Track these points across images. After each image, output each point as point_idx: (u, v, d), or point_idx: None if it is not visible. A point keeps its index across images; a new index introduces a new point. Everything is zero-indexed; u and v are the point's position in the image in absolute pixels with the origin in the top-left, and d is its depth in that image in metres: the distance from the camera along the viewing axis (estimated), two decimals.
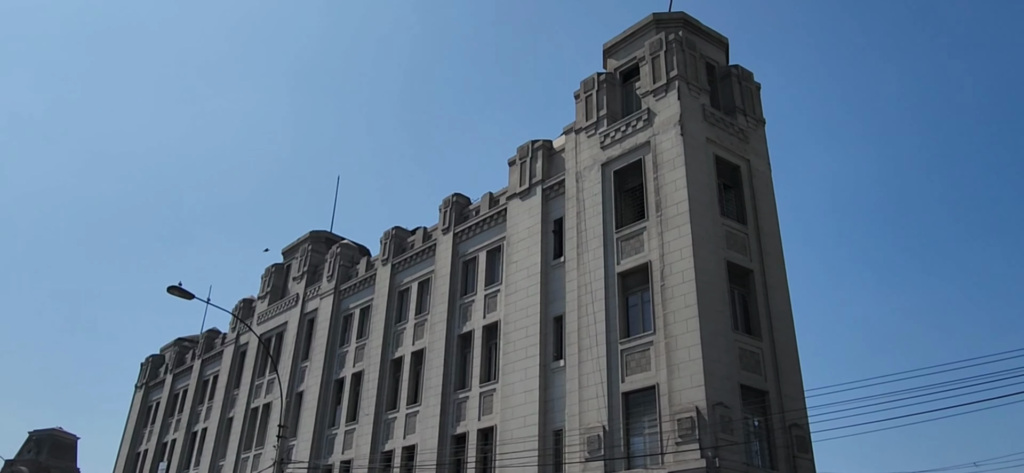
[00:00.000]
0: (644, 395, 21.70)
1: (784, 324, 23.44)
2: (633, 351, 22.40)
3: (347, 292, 37.54)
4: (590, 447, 21.87)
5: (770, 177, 26.38)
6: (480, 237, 30.89)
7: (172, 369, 51.07)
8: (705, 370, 20.21)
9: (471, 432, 26.93)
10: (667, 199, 23.24)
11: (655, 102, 25.17)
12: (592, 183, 26.03)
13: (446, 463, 27.18)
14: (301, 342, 38.85)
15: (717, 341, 21.01)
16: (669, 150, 23.90)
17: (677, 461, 19.67)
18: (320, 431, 34.46)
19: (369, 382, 32.68)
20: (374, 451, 30.64)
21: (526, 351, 25.77)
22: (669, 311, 21.66)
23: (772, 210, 25.62)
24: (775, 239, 25.06)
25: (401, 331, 32.81)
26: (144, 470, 48.52)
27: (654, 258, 22.86)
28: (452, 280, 30.88)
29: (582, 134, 27.38)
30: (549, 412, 24.35)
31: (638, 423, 21.68)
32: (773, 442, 21.41)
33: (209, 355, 47.38)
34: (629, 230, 24.23)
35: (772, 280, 23.94)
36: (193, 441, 44.94)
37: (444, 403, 28.37)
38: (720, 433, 19.53)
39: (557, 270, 26.53)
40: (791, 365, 22.88)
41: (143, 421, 52.37)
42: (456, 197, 32.87)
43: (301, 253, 42.38)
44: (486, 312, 28.87)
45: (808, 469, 21.48)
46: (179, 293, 23.43)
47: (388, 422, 31.02)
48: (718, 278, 22.26)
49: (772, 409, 21.70)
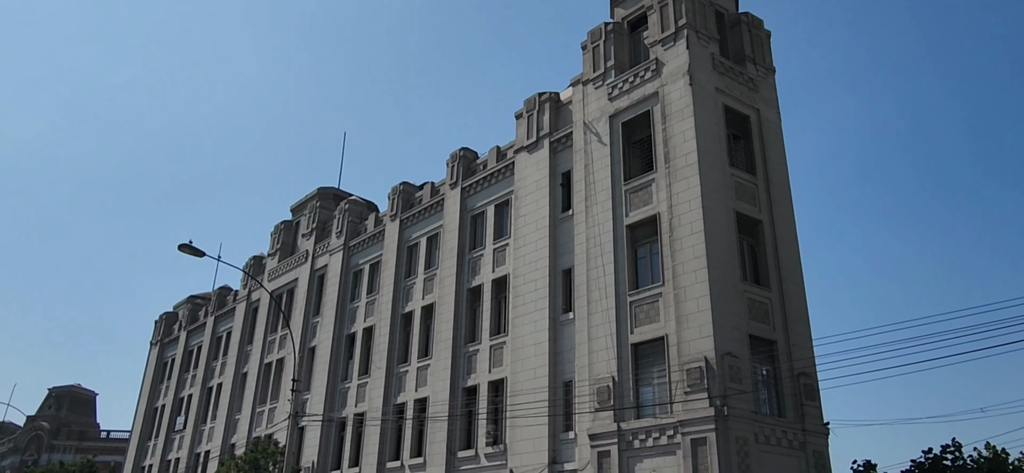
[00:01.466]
0: (653, 346, 21.77)
1: (793, 274, 23.38)
2: (642, 303, 22.41)
3: (356, 248, 37.62)
4: (600, 398, 22.05)
5: (780, 126, 26.04)
6: (488, 191, 30.75)
7: (186, 326, 51.60)
8: (714, 321, 20.22)
9: (482, 384, 27.18)
10: (676, 150, 22.99)
11: (663, 52, 24.73)
12: (600, 135, 25.76)
13: (458, 415, 27.52)
14: (312, 298, 39.10)
15: (726, 292, 20.98)
16: (678, 100, 23.56)
17: (686, 410, 19.82)
18: (333, 385, 34.89)
19: (380, 336, 32.93)
20: (386, 404, 31.03)
21: (535, 304, 25.84)
22: (678, 262, 21.59)
23: (782, 160, 25.35)
24: (784, 189, 24.84)
25: (411, 286, 32.93)
26: (162, 424, 49.40)
27: (663, 210, 22.71)
28: (461, 234, 30.85)
29: (590, 86, 27.01)
30: (559, 364, 24.51)
31: (647, 374, 21.81)
32: (781, 391, 21.53)
33: (222, 312, 47.81)
34: (637, 182, 24.04)
35: (781, 230, 23.79)
36: (209, 396, 45.64)
37: (455, 356, 28.59)
38: (728, 383, 19.62)
39: (565, 223, 26.44)
40: (799, 315, 22.87)
41: (159, 377, 53.14)
42: (463, 151, 32.65)
43: (309, 210, 42.40)
44: (495, 266, 28.90)
45: (815, 417, 21.64)
46: (190, 251, 23.49)
47: (400, 375, 31.34)
48: (727, 229, 22.13)
49: (780, 358, 21.78)
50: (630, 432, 20.98)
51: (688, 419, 19.66)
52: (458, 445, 27.11)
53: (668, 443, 20.10)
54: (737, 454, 19.08)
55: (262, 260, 45.68)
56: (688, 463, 19.38)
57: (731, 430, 19.18)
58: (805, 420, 21.19)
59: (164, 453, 47.50)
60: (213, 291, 50.10)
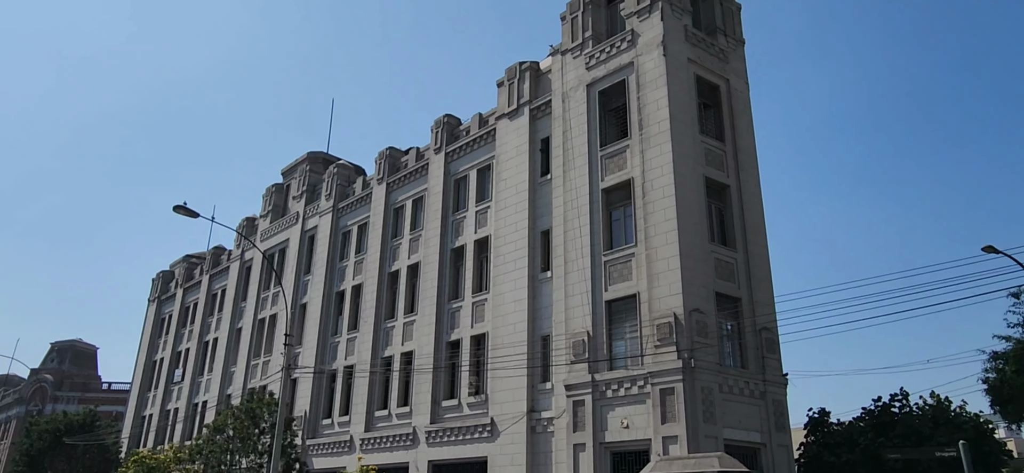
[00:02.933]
0: (626, 303, 21.93)
1: (757, 236, 23.56)
2: (616, 262, 22.50)
3: (345, 210, 37.30)
4: (575, 351, 22.24)
5: (748, 96, 26.00)
6: (471, 156, 30.52)
7: (182, 284, 51.13)
8: (683, 279, 20.37)
9: (465, 339, 27.29)
10: (649, 118, 22.90)
11: (639, 23, 24.47)
12: (577, 103, 25.57)
13: (442, 367, 27.65)
14: (303, 257, 38.83)
15: (694, 252, 21.12)
16: (652, 70, 23.40)
17: (656, 362, 20.06)
18: (323, 339, 34.85)
19: (368, 294, 32.85)
20: (374, 356, 31.09)
21: (515, 263, 25.87)
22: (650, 224, 21.66)
23: (749, 128, 25.36)
24: (751, 156, 24.91)
25: (397, 246, 32.79)
26: (161, 376, 49.21)
27: (636, 175, 22.70)
28: (444, 197, 30.68)
29: (568, 55, 26.73)
30: (537, 319, 24.64)
31: (620, 328, 22.00)
32: (744, 344, 21.84)
33: (216, 270, 47.39)
34: (613, 148, 23.97)
35: (747, 194, 23.92)
36: (205, 350, 45.44)
37: (439, 312, 28.63)
38: (695, 337, 19.87)
39: (544, 187, 26.36)
40: (763, 274, 23.11)
41: (157, 332, 52.77)
42: (447, 118, 32.30)
43: (299, 173, 41.86)
44: (477, 227, 28.81)
45: (775, 368, 22.02)
46: (185, 212, 23.09)
47: (387, 330, 31.36)
48: (696, 193, 22.19)
49: (744, 314, 22.05)
50: (603, 383, 21.23)
51: (657, 371, 19.92)
52: (442, 395, 27.30)
53: (639, 393, 20.39)
54: (702, 402, 19.42)
55: (255, 221, 45.19)
56: (657, 411, 19.70)
57: (697, 381, 19.48)
58: (766, 371, 21.56)
59: (163, 403, 47.39)
60: (208, 251, 49.56)
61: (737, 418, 20.33)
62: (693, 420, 19.05)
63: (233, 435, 28.10)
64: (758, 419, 20.91)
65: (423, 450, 26.76)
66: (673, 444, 19.09)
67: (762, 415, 21.03)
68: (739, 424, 20.30)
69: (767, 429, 20.92)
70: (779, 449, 20.96)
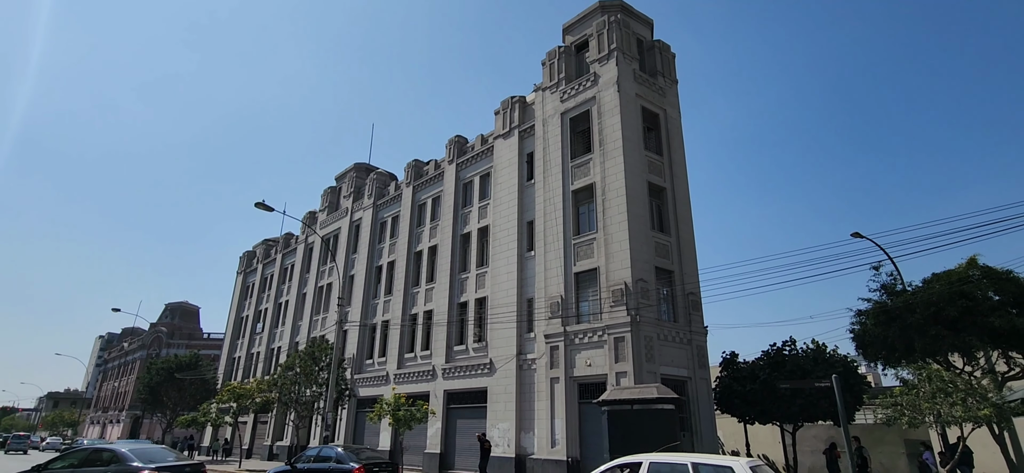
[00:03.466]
0: (589, 274, 21.84)
1: (686, 225, 23.47)
2: (582, 244, 22.38)
3: (382, 206, 36.96)
4: (552, 310, 22.15)
5: (680, 121, 25.81)
6: (475, 166, 30.23)
7: (261, 260, 50.66)
8: (631, 257, 20.28)
9: (470, 301, 27.16)
10: (607, 138, 22.70)
11: (599, 67, 24.21)
12: (554, 127, 25.32)
13: (454, 322, 27.53)
14: (351, 241, 38.51)
15: (640, 237, 21.01)
16: (609, 102, 23.16)
17: (611, 318, 19.99)
18: (367, 301, 34.64)
19: (399, 268, 32.62)
20: (404, 314, 30.91)
21: (507, 245, 25.70)
22: (607, 217, 21.52)
23: (681, 145, 25.20)
24: (682, 166, 24.76)
25: (420, 232, 32.54)
26: (246, 328, 48.86)
27: (597, 180, 22.52)
28: (455, 197, 30.41)
29: (547, 91, 26.43)
30: (524, 286, 24.53)
31: (585, 293, 21.91)
32: (675, 304, 21.80)
33: (287, 250, 46.97)
34: (580, 160, 23.76)
35: (679, 194, 23.79)
36: (279, 309, 45.11)
37: (451, 281, 28.47)
38: (640, 299, 19.80)
39: (529, 189, 26.15)
40: (689, 253, 23.05)
41: (244, 296, 52.34)
42: (457, 138, 31.96)
43: (348, 179, 41.42)
44: (479, 219, 28.60)
45: (698, 322, 22.00)
46: (263, 207, 22.78)
47: (413, 294, 31.18)
48: (642, 193, 22.05)
49: (676, 282, 21.99)
50: (572, 333, 21.16)
51: (612, 324, 19.85)
52: (454, 342, 27.20)
53: (598, 340, 20.33)
54: (644, 347, 19.38)
55: (315, 214, 44.75)
56: (612, 353, 19.65)
57: (641, 331, 19.43)
58: (691, 324, 21.55)
59: (248, 348, 47.06)
60: (280, 236, 49.13)
61: (670, 358, 20.33)
62: (638, 360, 19.03)
63: (300, 371, 27.91)
64: (686, 359, 20.94)
65: (440, 382, 26.69)
66: (624, 377, 19.07)
67: (688, 356, 21.04)
68: (672, 363, 20.31)
69: (692, 367, 20.94)
70: (701, 381, 21.02)
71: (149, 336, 77.30)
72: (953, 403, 10.25)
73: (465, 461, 24.40)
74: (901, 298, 17.13)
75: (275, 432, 38.20)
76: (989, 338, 15.50)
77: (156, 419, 47.86)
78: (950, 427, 11.19)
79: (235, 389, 31.08)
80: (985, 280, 16.00)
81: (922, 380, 10.93)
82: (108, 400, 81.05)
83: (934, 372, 11.06)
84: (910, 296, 16.88)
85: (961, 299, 15.73)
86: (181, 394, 43.86)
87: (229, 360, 49.53)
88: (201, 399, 42.66)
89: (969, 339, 15.49)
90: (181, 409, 42.56)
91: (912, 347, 16.49)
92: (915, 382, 11.33)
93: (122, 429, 70.11)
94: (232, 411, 31.59)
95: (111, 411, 77.86)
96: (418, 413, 19.66)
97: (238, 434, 37.72)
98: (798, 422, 20.89)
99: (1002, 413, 10.17)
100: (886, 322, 17.17)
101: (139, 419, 61.98)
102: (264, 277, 49.80)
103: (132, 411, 68.88)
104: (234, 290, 53.92)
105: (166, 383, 43.53)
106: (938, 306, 15.89)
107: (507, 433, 22.53)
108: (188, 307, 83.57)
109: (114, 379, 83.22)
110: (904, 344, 16.73)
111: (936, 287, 16.33)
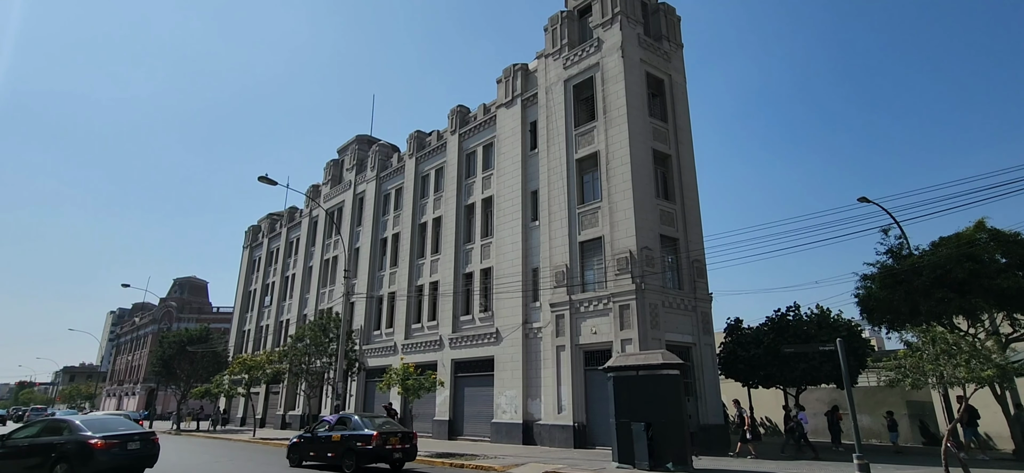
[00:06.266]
0: (594, 243, 21.82)
1: (691, 192, 23.32)
2: (586, 213, 22.31)
3: (385, 178, 36.83)
4: (557, 279, 22.23)
5: (685, 87, 25.39)
6: (478, 136, 29.96)
7: (266, 235, 50.84)
8: (636, 225, 20.22)
9: (476, 271, 27.27)
10: (611, 105, 22.38)
11: (603, 33, 23.71)
12: (557, 95, 24.96)
13: (459, 292, 27.70)
14: (355, 214, 38.54)
15: (644, 205, 20.91)
16: (613, 69, 22.77)
17: (616, 286, 20.06)
18: (372, 273, 34.85)
19: (404, 240, 32.69)
20: (410, 285, 31.12)
21: (512, 215, 25.65)
22: (612, 185, 21.38)
23: (686, 111, 24.84)
24: (687, 132, 24.46)
25: (424, 204, 32.49)
26: (254, 302, 49.39)
27: (602, 148, 22.30)
28: (459, 167, 30.23)
29: (550, 58, 25.97)
30: (529, 256, 24.57)
31: (590, 262, 21.95)
32: (680, 271, 21.83)
33: (292, 224, 47.07)
34: (583, 128, 23.49)
35: (684, 162, 23.57)
36: (287, 282, 45.48)
37: (457, 252, 28.54)
38: (645, 267, 19.83)
39: (533, 158, 25.94)
40: (694, 220, 22.95)
41: (251, 270, 52.73)
42: (459, 108, 31.58)
43: (350, 151, 41.19)
44: (483, 189, 28.49)
45: (703, 289, 22.06)
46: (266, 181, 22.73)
47: (418, 266, 31.31)
48: (646, 161, 21.85)
49: (680, 250, 21.97)
50: (578, 301, 21.28)
51: (617, 292, 19.94)
52: (460, 312, 27.43)
53: (603, 308, 20.45)
54: (649, 314, 19.49)
55: (318, 187, 44.69)
56: (617, 321, 19.79)
57: (646, 299, 19.52)
58: (696, 291, 21.61)
59: (257, 321, 47.68)
60: (285, 210, 49.15)
61: (675, 325, 20.47)
62: (643, 327, 19.17)
63: (309, 343, 28.31)
64: (690, 326, 21.07)
65: (447, 352, 27.02)
66: (629, 344, 19.24)
67: (693, 323, 21.17)
68: (677, 330, 20.45)
69: (697, 333, 21.08)
70: (705, 347, 21.19)
71: (159, 311, 78.35)
72: (957, 364, 10.32)
73: (474, 427, 24.89)
74: (908, 261, 17.07)
75: (287, 402, 38.98)
76: (995, 300, 15.51)
77: (171, 391, 48.84)
78: (952, 387, 11.29)
79: (246, 361, 31.59)
80: (993, 242, 15.92)
81: (926, 342, 10.99)
82: (123, 373, 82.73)
83: (939, 334, 11.11)
84: (917, 259, 16.82)
85: (968, 262, 15.68)
86: (193, 367, 44.59)
87: (239, 333, 50.22)
88: (213, 371, 43.36)
89: (975, 301, 15.49)
90: (194, 381, 43.31)
91: (917, 310, 16.53)
92: (919, 345, 11.39)
93: (138, 401, 71.71)
94: (244, 382, 32.18)
95: (126, 384, 79.56)
96: (427, 382, 19.97)
97: (251, 404, 38.49)
98: (801, 385, 21.11)
99: (1005, 373, 10.25)
100: (892, 286, 17.17)
101: (154, 391, 63.31)
102: (270, 251, 50.06)
103: (147, 384, 70.34)
104: (241, 264, 54.30)
105: (178, 356, 44.20)
106: (945, 269, 15.86)
107: (514, 400, 22.89)
108: (196, 282, 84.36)
109: (127, 353, 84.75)
110: (909, 307, 16.76)
111: (943, 251, 16.26)
